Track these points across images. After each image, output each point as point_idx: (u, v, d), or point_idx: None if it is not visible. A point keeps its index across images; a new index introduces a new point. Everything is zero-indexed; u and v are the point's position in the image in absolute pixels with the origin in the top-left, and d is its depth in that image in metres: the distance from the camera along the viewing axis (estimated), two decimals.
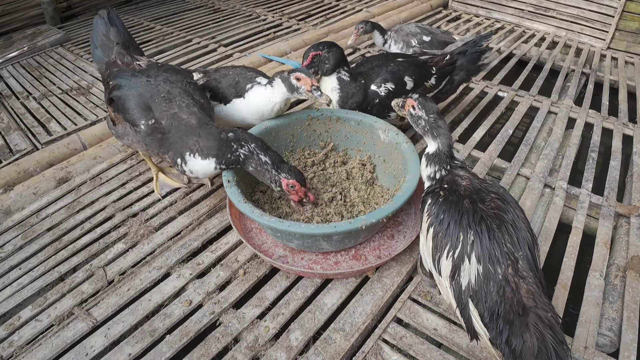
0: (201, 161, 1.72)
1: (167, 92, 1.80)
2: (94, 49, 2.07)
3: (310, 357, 1.42)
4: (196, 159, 1.73)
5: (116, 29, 2.05)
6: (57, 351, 1.46)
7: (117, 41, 2.02)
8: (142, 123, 1.74)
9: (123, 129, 1.84)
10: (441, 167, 1.49)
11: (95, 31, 2.06)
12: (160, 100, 1.77)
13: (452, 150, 1.52)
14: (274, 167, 1.69)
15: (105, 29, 2.04)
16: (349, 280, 1.68)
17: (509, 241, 1.22)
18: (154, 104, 1.76)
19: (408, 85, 2.22)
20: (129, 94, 1.78)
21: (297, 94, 1.90)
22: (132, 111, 1.76)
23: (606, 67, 3.63)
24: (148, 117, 1.75)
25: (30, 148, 2.52)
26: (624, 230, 1.96)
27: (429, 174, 1.52)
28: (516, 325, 1.12)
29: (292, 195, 1.73)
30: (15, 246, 1.87)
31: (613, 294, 1.66)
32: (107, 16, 2.07)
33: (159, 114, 1.75)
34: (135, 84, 1.81)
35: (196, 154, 1.72)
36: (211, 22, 4.38)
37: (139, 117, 1.75)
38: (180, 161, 1.75)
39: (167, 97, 1.79)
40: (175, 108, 1.76)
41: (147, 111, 1.75)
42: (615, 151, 2.50)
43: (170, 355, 1.44)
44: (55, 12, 4.44)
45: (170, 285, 1.67)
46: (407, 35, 3.12)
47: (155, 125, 1.74)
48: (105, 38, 2.04)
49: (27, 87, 3.19)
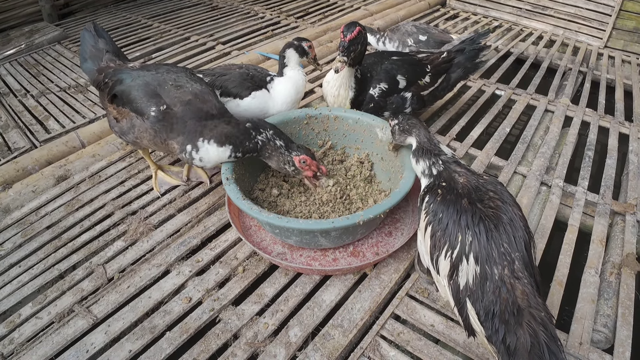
0: (217, 148, 1.74)
1: (175, 80, 1.81)
2: (83, 62, 2.07)
3: (309, 353, 1.44)
4: (211, 146, 1.74)
5: (104, 40, 2.07)
6: (58, 348, 1.47)
7: (107, 49, 2.02)
8: (152, 110, 1.74)
9: (129, 123, 1.83)
10: (432, 161, 1.50)
11: (84, 44, 2.07)
12: (170, 87, 1.78)
13: (434, 142, 1.56)
14: (287, 148, 1.78)
15: (93, 40, 2.05)
16: (347, 277, 1.70)
17: (506, 241, 1.24)
18: (163, 92, 1.77)
19: (401, 84, 2.23)
20: (133, 85, 1.79)
21: (306, 58, 2.18)
22: (140, 100, 1.76)
23: (603, 66, 3.64)
24: (159, 103, 1.75)
25: (29, 146, 2.52)
26: (619, 227, 1.98)
27: (422, 170, 1.53)
28: (511, 324, 1.14)
29: (305, 172, 1.81)
30: (15, 244, 1.87)
31: (608, 291, 1.67)
32: (94, 29, 2.08)
33: (170, 100, 1.75)
34: (139, 75, 1.81)
35: (211, 141, 1.74)
36: (209, 20, 4.38)
37: (148, 105, 1.75)
38: (191, 148, 1.76)
39: (175, 84, 1.80)
40: (190, 95, 1.77)
41: (157, 98, 1.76)
42: (611, 149, 2.52)
43: (171, 351, 1.45)
44: (52, 10, 4.43)
45: (170, 283, 1.68)
46: (403, 35, 3.14)
47: (167, 111, 1.74)
48: (94, 49, 2.04)
49: (25, 85, 3.19)
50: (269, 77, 2.17)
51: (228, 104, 2.09)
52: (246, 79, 2.12)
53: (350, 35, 1.87)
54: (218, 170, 2.21)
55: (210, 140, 1.74)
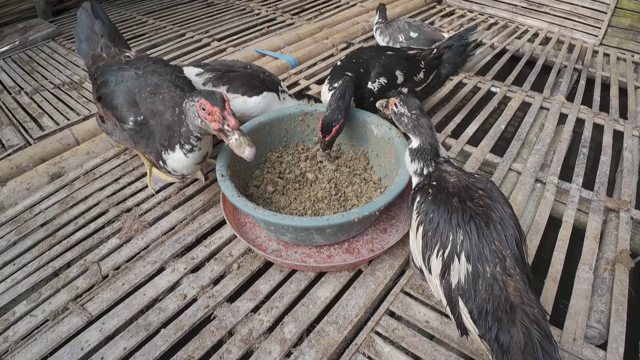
0: (174, 155, 1.71)
1: (155, 85, 1.77)
2: (79, 43, 2.02)
3: (304, 349, 1.44)
4: (169, 155, 1.71)
5: (101, 21, 2.01)
6: (52, 346, 1.47)
7: (103, 34, 1.98)
8: (130, 120, 1.71)
9: (112, 126, 1.82)
10: (426, 163, 1.49)
11: (80, 24, 2.01)
12: (147, 95, 1.74)
13: (436, 147, 1.52)
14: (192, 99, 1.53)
15: (89, 21, 2.00)
16: (342, 273, 1.70)
17: (497, 239, 1.24)
18: (140, 99, 1.73)
19: (399, 80, 2.23)
20: (116, 91, 1.76)
21: None
22: (120, 108, 1.74)
23: (598, 63, 3.65)
24: (137, 114, 1.72)
25: (23, 143, 2.51)
26: (613, 224, 1.99)
27: (415, 169, 1.52)
28: (504, 322, 1.14)
29: (211, 124, 1.52)
30: (9, 242, 1.86)
31: (602, 287, 1.68)
32: (90, 9, 2.02)
33: (144, 110, 1.72)
34: (123, 77, 1.78)
35: (168, 150, 1.70)
36: (205, 16, 4.36)
37: (127, 115, 1.73)
38: (162, 163, 1.75)
39: (153, 90, 1.75)
40: (158, 103, 1.71)
41: (135, 107, 1.73)
42: (605, 146, 2.53)
43: (165, 348, 1.45)
44: (46, 6, 4.40)
45: (165, 280, 1.68)
46: (395, 30, 3.18)
47: (143, 122, 1.71)
48: (90, 31, 1.99)
49: (19, 82, 3.17)
50: (281, 87, 2.21)
51: (234, 101, 2.09)
52: (255, 79, 2.13)
53: (328, 137, 1.88)
54: (213, 167, 2.20)
55: (167, 150, 1.71)
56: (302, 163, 2.05)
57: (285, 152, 2.10)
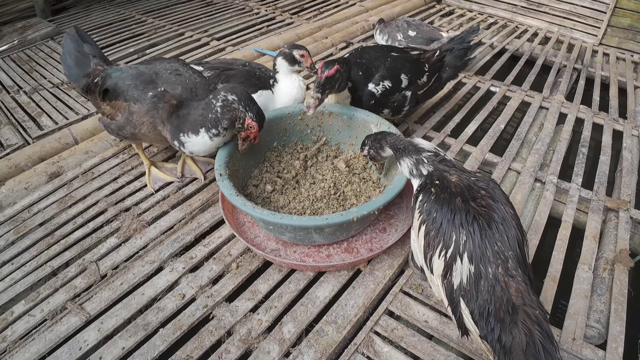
0: (196, 138, 1.74)
1: (175, 70, 1.80)
2: (68, 70, 1.98)
3: (302, 349, 1.44)
4: (189, 138, 1.74)
5: (89, 45, 2.00)
6: (51, 346, 1.46)
7: (94, 54, 1.97)
8: (149, 94, 1.73)
9: (125, 114, 1.80)
10: (415, 158, 1.47)
11: (67, 51, 1.98)
12: (169, 75, 1.77)
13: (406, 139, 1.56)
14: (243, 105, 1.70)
15: (77, 45, 1.98)
16: (341, 273, 1.69)
17: (499, 240, 1.24)
18: (160, 79, 1.76)
19: (403, 84, 2.22)
20: (125, 75, 1.77)
21: (298, 67, 2.13)
22: (135, 87, 1.75)
23: (598, 63, 3.65)
24: (156, 87, 1.74)
25: (21, 143, 2.50)
26: (612, 224, 1.98)
27: (410, 170, 1.50)
28: (506, 323, 1.14)
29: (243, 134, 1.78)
30: (7, 241, 1.86)
31: (601, 287, 1.68)
32: (76, 34, 2.01)
33: (169, 87, 1.75)
34: (130, 68, 1.79)
35: (189, 132, 1.73)
36: (204, 15, 4.35)
37: (144, 89, 1.74)
38: (178, 144, 1.77)
39: (175, 72, 1.78)
40: (186, 82, 1.76)
41: (152, 84, 1.74)
42: (605, 146, 2.53)
43: (164, 348, 1.45)
44: (45, 5, 4.39)
45: (164, 279, 1.67)
46: (393, 29, 3.18)
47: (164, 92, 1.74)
48: (80, 54, 1.97)
49: (18, 81, 3.16)
50: (272, 79, 2.20)
51: None
52: (253, 76, 2.14)
53: (327, 72, 1.83)
54: (212, 167, 2.20)
55: (188, 132, 1.74)
56: (301, 162, 2.05)
57: (284, 151, 2.10)
